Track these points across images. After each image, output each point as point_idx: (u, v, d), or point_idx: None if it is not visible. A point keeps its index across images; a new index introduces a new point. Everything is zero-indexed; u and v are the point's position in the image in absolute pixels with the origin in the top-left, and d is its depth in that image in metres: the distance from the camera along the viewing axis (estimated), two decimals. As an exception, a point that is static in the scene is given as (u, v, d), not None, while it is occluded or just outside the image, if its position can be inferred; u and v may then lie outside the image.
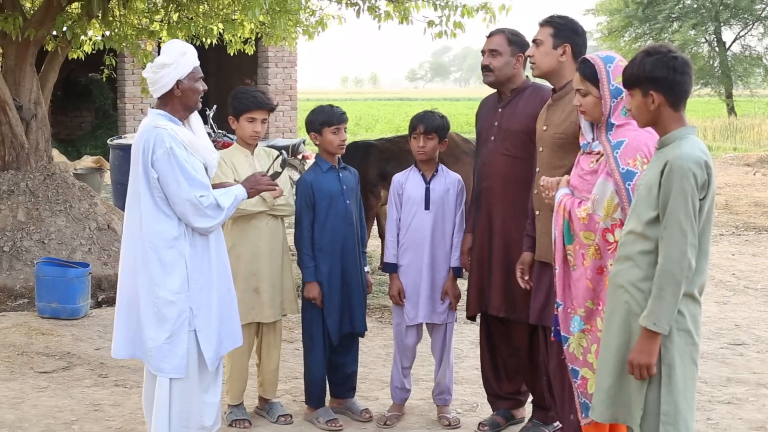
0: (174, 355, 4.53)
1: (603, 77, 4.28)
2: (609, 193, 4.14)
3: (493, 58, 5.26)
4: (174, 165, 4.43)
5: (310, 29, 11.11)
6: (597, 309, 4.24)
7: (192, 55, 4.60)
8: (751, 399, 6.06)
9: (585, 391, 4.32)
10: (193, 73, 4.60)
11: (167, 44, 4.68)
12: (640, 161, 4.09)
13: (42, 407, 5.74)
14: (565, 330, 4.37)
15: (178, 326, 4.52)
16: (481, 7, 9.49)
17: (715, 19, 37.33)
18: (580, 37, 4.97)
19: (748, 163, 20.62)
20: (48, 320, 7.67)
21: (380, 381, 6.31)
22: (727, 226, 13.19)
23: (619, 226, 4.12)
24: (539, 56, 4.96)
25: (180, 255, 4.52)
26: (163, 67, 4.53)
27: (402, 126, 35.58)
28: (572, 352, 4.36)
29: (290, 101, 21.65)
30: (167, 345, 4.51)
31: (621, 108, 4.25)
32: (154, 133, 4.46)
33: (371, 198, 9.19)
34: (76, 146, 21.62)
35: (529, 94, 5.28)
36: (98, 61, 12.78)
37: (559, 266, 4.39)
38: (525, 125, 5.17)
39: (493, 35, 5.33)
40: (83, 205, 9.37)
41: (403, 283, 5.54)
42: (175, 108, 4.60)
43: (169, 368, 4.53)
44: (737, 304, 8.73)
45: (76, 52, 11.33)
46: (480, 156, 5.40)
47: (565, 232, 4.32)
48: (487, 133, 5.36)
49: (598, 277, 4.22)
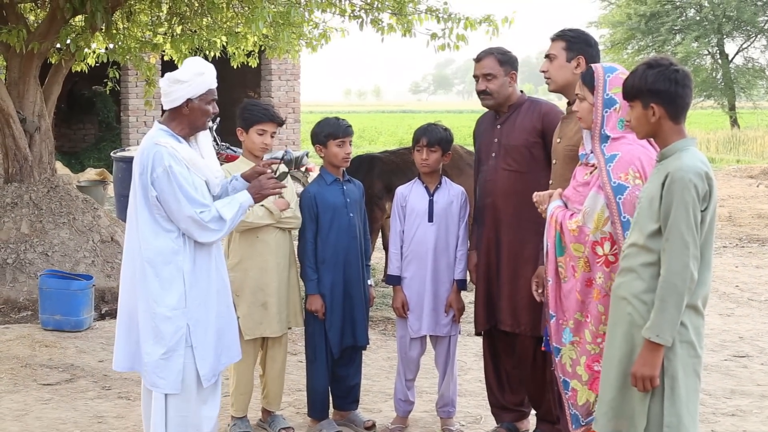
0: (170, 371, 4.48)
1: (599, 85, 4.29)
2: (599, 206, 4.15)
3: (489, 82, 5.28)
4: (173, 184, 4.39)
5: (313, 42, 11.16)
6: (585, 321, 4.25)
7: (209, 77, 4.54)
8: (755, 411, 6.05)
9: (575, 403, 4.33)
10: (206, 95, 4.54)
11: (188, 60, 4.61)
12: (633, 175, 4.09)
13: (46, 419, 5.75)
14: (557, 341, 4.39)
15: (175, 342, 4.48)
16: (484, 20, 9.52)
17: (717, 32, 37.37)
18: (593, 48, 4.98)
19: (752, 176, 20.62)
20: (51, 332, 7.67)
21: (384, 393, 6.31)
22: (730, 238, 13.18)
23: (608, 239, 4.13)
24: (554, 71, 4.96)
25: (178, 271, 4.48)
26: (176, 82, 4.49)
27: (405, 138, 35.64)
28: (564, 364, 4.37)
29: (293, 114, 21.70)
30: (163, 361, 4.47)
31: (616, 120, 4.25)
32: (153, 150, 4.42)
33: (376, 211, 9.19)
34: (80, 159, 21.65)
35: (526, 108, 5.29)
36: (102, 73, 12.82)
37: (551, 278, 4.40)
38: (524, 140, 5.20)
39: (483, 59, 5.33)
40: (86, 218, 9.39)
41: (406, 295, 5.54)
42: (182, 125, 4.55)
43: (164, 384, 4.50)
44: (741, 316, 8.72)
45: (80, 65, 11.38)
46: (481, 173, 5.42)
47: (557, 244, 4.34)
48: (487, 150, 5.38)
49: (586, 289, 4.24)
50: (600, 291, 4.18)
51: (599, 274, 4.17)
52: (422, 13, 9.76)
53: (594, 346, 4.23)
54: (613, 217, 4.09)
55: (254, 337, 5.42)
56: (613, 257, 4.14)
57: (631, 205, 4.02)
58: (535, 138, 5.18)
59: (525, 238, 5.13)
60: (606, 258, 4.15)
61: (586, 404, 4.29)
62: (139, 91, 19.14)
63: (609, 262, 4.15)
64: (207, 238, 4.51)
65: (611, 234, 4.12)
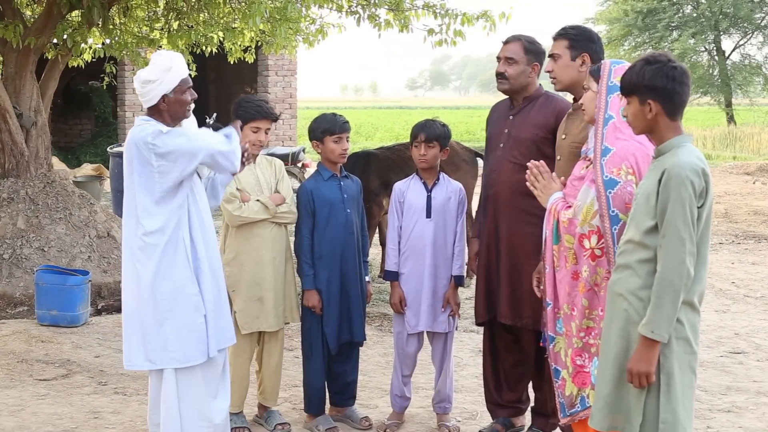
0: (181, 344, 4.50)
1: (604, 72, 4.29)
2: (589, 200, 4.16)
3: (509, 66, 5.24)
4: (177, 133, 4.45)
5: (310, 37, 11.15)
6: (572, 314, 4.28)
7: (177, 69, 4.54)
8: (751, 407, 6.06)
9: (563, 392, 4.37)
10: (180, 86, 4.55)
11: (153, 57, 4.63)
12: (625, 171, 4.10)
13: (42, 415, 5.74)
14: (552, 330, 4.42)
15: (191, 313, 4.51)
16: (481, 16, 9.51)
17: (714, 28, 37.37)
18: (597, 44, 4.96)
19: (748, 172, 20.62)
20: (48, 328, 7.66)
21: (380, 389, 6.31)
22: (726, 234, 13.20)
23: (595, 232, 4.15)
24: (559, 70, 4.94)
25: (180, 244, 4.49)
26: (147, 83, 4.51)
27: (401, 134, 35.65)
28: (557, 352, 4.40)
29: (290, 109, 21.66)
30: (185, 332, 4.50)
31: (620, 105, 4.22)
32: (138, 130, 4.47)
33: (373, 207, 9.20)
34: (76, 154, 21.63)
35: (541, 103, 5.25)
36: (98, 69, 12.81)
37: (548, 266, 4.42)
38: (534, 134, 5.17)
39: (510, 42, 5.29)
40: (83, 213, 9.38)
41: (404, 291, 5.55)
42: (163, 118, 4.57)
43: (182, 357, 4.52)
44: (737, 312, 8.73)
45: (77, 60, 11.37)
46: (488, 162, 5.39)
47: (554, 233, 4.35)
48: (496, 139, 5.34)
49: (573, 282, 4.27)
50: (585, 285, 4.20)
51: (585, 268, 4.20)
52: (419, 8, 9.75)
53: (577, 339, 4.26)
54: (602, 210, 4.10)
55: (251, 332, 5.42)
56: (599, 251, 4.15)
57: (621, 200, 4.05)
58: (545, 134, 5.14)
59: (526, 231, 5.10)
60: (592, 251, 4.17)
61: (570, 396, 4.34)
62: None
63: (595, 256, 4.17)
64: (232, 163, 4.57)
65: (599, 228, 4.13)
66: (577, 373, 4.28)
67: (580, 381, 4.27)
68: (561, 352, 4.37)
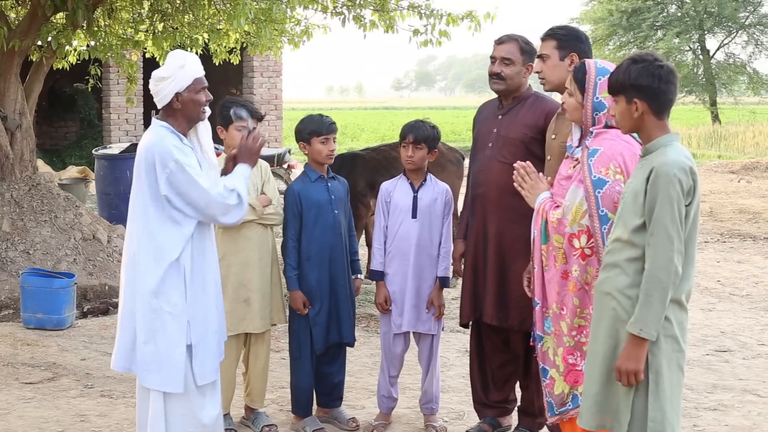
0: (170, 368, 4.38)
1: (590, 88, 4.29)
2: (578, 200, 4.17)
3: (506, 67, 5.23)
4: (189, 174, 4.33)
5: (295, 38, 11.13)
6: (561, 313, 4.29)
7: (192, 67, 4.50)
8: (737, 405, 6.08)
9: (552, 392, 4.38)
10: (194, 85, 4.48)
11: (169, 55, 4.58)
12: (614, 170, 4.11)
13: (28, 418, 5.72)
14: (540, 329, 4.42)
15: (176, 339, 4.39)
16: (466, 16, 9.52)
17: (699, 28, 37.55)
18: (585, 44, 4.97)
19: (733, 171, 20.70)
20: (33, 331, 7.64)
21: (367, 390, 6.30)
22: (711, 233, 13.24)
23: (585, 232, 4.16)
24: (548, 71, 4.94)
25: (180, 266, 4.41)
26: (161, 80, 4.45)
27: (387, 135, 35.63)
28: (545, 352, 4.41)
29: (276, 111, 21.65)
30: (164, 358, 4.39)
31: (604, 122, 4.27)
32: (159, 147, 4.35)
33: (361, 208, 9.19)
34: (61, 156, 21.53)
35: (530, 103, 5.25)
36: (83, 71, 12.74)
37: (537, 266, 4.42)
38: (523, 134, 5.17)
39: (505, 42, 5.28)
40: (68, 216, 9.35)
41: (389, 291, 5.54)
42: (178, 120, 4.49)
43: (162, 382, 4.39)
44: (722, 311, 8.77)
45: (61, 62, 11.31)
46: (476, 162, 5.37)
47: (543, 232, 4.36)
48: (484, 139, 5.34)
49: (562, 281, 4.27)
50: (576, 284, 4.21)
51: (575, 267, 4.20)
52: (404, 9, 9.75)
53: (569, 338, 4.27)
54: (591, 210, 4.11)
55: (237, 333, 5.40)
56: (589, 250, 4.17)
57: (610, 199, 4.06)
58: (534, 134, 5.14)
59: (514, 232, 5.08)
60: (582, 251, 4.18)
61: (561, 395, 4.34)
62: (120, 89, 19.07)
63: (585, 255, 4.18)
64: (232, 218, 4.48)
65: (588, 227, 4.14)
66: (569, 371, 4.28)
67: (573, 379, 4.28)
68: (549, 352, 4.38)
